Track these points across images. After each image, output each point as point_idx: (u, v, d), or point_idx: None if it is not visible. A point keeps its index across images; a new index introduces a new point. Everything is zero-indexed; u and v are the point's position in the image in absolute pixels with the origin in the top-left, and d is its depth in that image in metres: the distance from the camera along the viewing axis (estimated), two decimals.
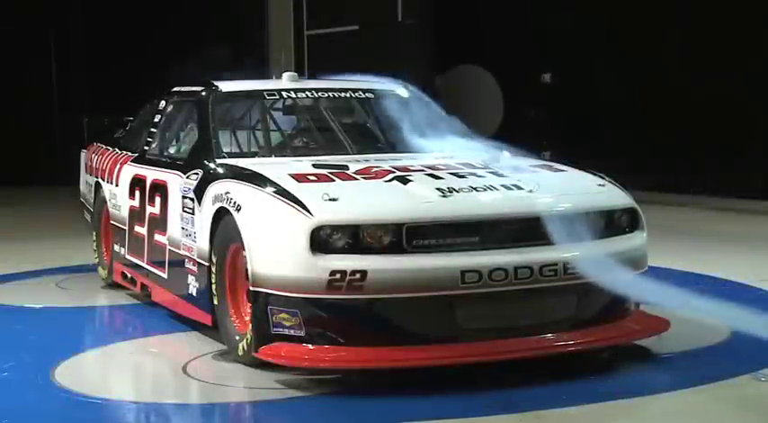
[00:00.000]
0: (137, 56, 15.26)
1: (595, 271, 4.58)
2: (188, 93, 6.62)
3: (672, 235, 8.76)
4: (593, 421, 4.17)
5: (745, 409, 4.31)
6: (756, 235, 9.71)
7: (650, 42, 13.62)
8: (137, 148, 6.99)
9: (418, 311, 4.51)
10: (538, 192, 5.00)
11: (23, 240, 9.92)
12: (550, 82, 14.87)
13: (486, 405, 4.26)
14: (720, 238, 9.51)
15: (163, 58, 13.38)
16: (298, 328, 4.56)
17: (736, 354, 5.01)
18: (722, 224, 10.66)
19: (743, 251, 8.61)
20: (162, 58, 13.58)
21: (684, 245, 8.63)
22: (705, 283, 7.06)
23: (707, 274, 7.35)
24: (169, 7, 17.71)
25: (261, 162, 5.48)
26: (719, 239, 9.45)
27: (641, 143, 13.45)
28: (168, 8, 17.70)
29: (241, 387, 4.73)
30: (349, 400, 4.43)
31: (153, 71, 7.44)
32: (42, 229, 10.28)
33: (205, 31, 17.74)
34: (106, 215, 7.27)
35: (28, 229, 10.63)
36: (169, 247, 5.89)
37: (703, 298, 5.12)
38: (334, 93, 6.60)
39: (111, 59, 11.36)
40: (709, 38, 12.89)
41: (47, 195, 8.85)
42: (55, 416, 4.34)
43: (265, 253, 4.66)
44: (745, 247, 8.87)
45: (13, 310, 6.73)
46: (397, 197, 4.82)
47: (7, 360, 5.27)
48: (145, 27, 18.31)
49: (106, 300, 6.99)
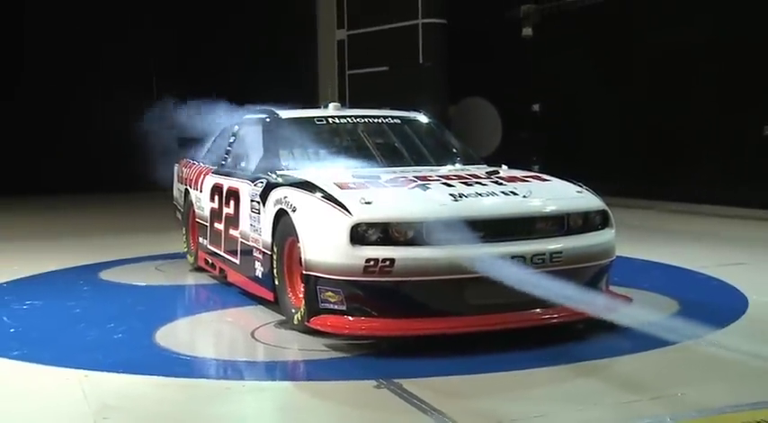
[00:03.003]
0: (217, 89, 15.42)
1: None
2: (255, 119, 6.64)
3: (635, 231, 8.69)
4: (569, 377, 4.13)
5: (688, 368, 4.28)
6: (699, 232, 9.63)
7: (617, 82, 13.72)
8: (216, 163, 7.02)
9: (434, 291, 4.50)
10: (530, 197, 4.99)
11: (130, 234, 10.00)
12: (539, 111, 14.87)
13: (484, 364, 4.25)
14: (675, 234, 9.43)
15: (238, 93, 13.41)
16: (340, 303, 4.57)
17: (681, 324, 4.95)
18: (673, 223, 10.57)
19: (688, 244, 8.53)
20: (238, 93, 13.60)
21: (644, 239, 8.55)
22: (662, 269, 7.05)
23: (662, 262, 7.29)
24: (248, 59, 18.35)
25: (311, 173, 5.47)
26: (671, 235, 9.37)
27: (611, 158, 13.47)
28: (248, 59, 18.34)
29: (296, 349, 4.72)
30: (379, 360, 4.43)
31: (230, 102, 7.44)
32: (143, 226, 10.33)
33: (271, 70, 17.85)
34: (193, 215, 7.31)
35: (133, 226, 10.70)
36: (240, 240, 5.91)
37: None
38: (368, 119, 6.58)
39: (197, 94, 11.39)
40: (661, 78, 13.03)
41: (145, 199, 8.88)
42: (156, 368, 4.35)
43: (315, 245, 4.66)
44: (691, 241, 8.80)
45: (124, 287, 6.76)
46: (419, 201, 4.81)
47: (121, 325, 5.34)
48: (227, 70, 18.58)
49: (193, 280, 7.02)
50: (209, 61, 20.09)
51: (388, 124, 6.59)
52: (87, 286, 6.76)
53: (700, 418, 3.47)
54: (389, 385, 3.94)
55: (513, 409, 3.65)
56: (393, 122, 6.63)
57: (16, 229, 10.82)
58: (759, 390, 3.82)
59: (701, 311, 5.26)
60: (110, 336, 5.10)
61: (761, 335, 4.89)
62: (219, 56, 20.00)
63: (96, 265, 7.67)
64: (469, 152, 6.52)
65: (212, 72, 19.05)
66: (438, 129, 6.95)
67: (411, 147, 6.40)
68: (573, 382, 4.07)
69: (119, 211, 12.50)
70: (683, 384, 3.94)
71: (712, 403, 3.64)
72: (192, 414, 3.75)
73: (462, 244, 4.51)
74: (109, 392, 3.98)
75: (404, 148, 6.35)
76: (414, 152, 6.33)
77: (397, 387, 3.91)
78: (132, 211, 11.88)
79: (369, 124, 6.53)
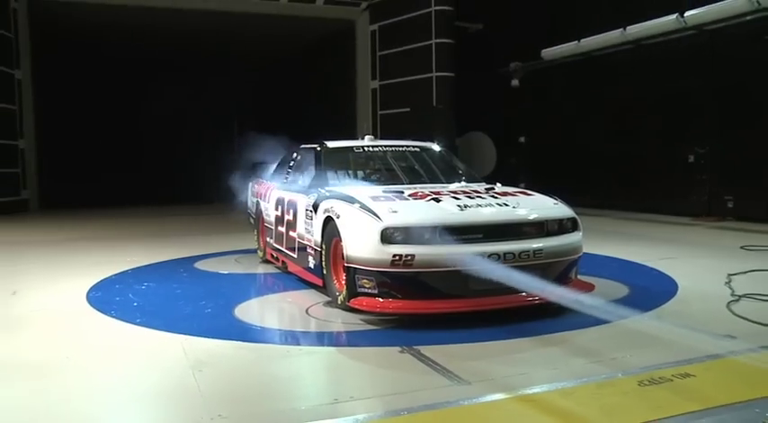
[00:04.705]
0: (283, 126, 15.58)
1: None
2: (309, 148, 6.66)
3: (598, 234, 8.61)
4: (545, 345, 4.10)
5: (633, 337, 4.25)
6: (642, 234, 9.54)
7: (583, 121, 13.73)
8: (280, 181, 7.04)
9: (445, 279, 4.48)
10: (518, 208, 4.96)
11: (216, 235, 10.07)
12: (524, 142, 14.82)
13: (482, 335, 4.23)
14: (627, 236, 9.33)
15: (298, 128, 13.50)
16: (373, 288, 4.57)
17: (632, 304, 4.92)
18: (624, 227, 10.45)
19: (635, 243, 8.43)
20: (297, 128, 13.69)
21: (606, 239, 8.47)
22: (617, 262, 6.98)
23: (616, 257, 7.22)
24: (306, 103, 18.70)
25: (351, 189, 5.48)
26: (627, 237, 9.27)
27: (579, 178, 13.40)
28: (305, 103, 18.70)
29: (339, 322, 4.72)
30: (402, 331, 4.42)
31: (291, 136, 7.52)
32: (225, 229, 10.41)
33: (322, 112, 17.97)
34: (262, 220, 7.33)
35: (218, 229, 10.78)
36: (297, 240, 5.92)
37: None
38: (395, 147, 6.58)
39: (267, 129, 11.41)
40: (616, 119, 13.02)
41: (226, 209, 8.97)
42: (235, 334, 4.37)
43: (354, 243, 4.66)
44: (637, 241, 8.70)
45: (211, 274, 6.79)
46: (433, 210, 4.79)
47: (209, 302, 5.37)
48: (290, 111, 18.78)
49: (262, 269, 7.04)
50: (277, 105, 20.36)
51: (409, 152, 6.59)
52: (186, 273, 6.81)
53: (641, 373, 3.47)
54: (410, 350, 3.94)
55: (502, 369, 3.64)
56: (413, 150, 6.62)
57: (136, 230, 10.96)
58: (684, 352, 3.81)
59: (644, 294, 5.25)
60: (202, 310, 5.13)
61: (686, 311, 4.87)
62: (284, 100, 20.24)
63: (192, 257, 7.72)
64: (472, 173, 6.50)
65: (279, 113, 19.27)
66: (448, 155, 6.93)
67: (427, 169, 6.39)
68: (547, 349, 4.03)
69: (208, 218, 12.58)
70: (630, 349, 3.91)
71: (650, 362, 3.63)
72: (261, 369, 3.77)
73: (466, 243, 4.49)
74: (201, 351, 4.01)
75: (421, 170, 6.35)
76: (429, 173, 6.32)
77: (415, 352, 3.91)
78: (218, 218, 11.95)
79: (395, 152, 6.53)
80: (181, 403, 3.26)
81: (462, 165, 6.75)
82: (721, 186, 10.87)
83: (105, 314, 5.01)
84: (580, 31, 12.89)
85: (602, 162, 13.23)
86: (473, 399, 3.18)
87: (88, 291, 5.83)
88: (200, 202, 14.82)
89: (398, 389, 3.34)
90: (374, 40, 16.28)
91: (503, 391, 3.25)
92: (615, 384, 3.34)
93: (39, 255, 8.23)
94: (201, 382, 3.48)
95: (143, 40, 17.14)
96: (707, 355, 3.74)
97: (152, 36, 16.84)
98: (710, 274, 6.09)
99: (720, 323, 4.43)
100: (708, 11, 10.48)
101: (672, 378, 3.38)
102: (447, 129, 14.14)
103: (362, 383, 3.56)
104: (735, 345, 3.93)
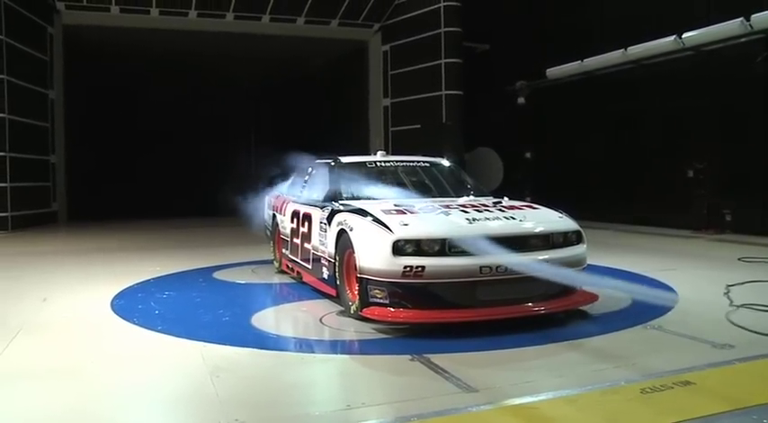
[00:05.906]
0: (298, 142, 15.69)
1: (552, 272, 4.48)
2: (324, 163, 6.67)
3: (602, 246, 8.56)
4: (551, 353, 4.07)
5: (637, 344, 4.23)
6: (643, 246, 9.51)
7: (585, 137, 13.74)
8: (295, 194, 7.05)
9: (454, 290, 4.47)
10: (524, 221, 4.95)
11: (233, 246, 10.07)
12: (530, 157, 14.80)
13: (489, 344, 4.21)
14: (629, 248, 9.28)
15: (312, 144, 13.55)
16: (385, 298, 4.56)
17: (634, 313, 4.89)
18: (625, 240, 10.42)
19: (642, 256, 8.38)
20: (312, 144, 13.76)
21: (609, 251, 8.42)
22: (618, 273, 6.92)
23: (619, 268, 7.15)
24: (320, 120, 18.66)
25: (363, 202, 5.48)
26: (629, 249, 9.22)
27: (583, 192, 13.35)
28: (320, 120, 18.66)
29: (352, 331, 4.70)
30: (413, 340, 4.39)
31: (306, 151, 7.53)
32: (242, 241, 10.42)
33: (336, 128, 18.01)
34: (278, 232, 7.33)
35: (235, 241, 10.79)
36: (312, 251, 5.92)
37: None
38: (406, 163, 6.60)
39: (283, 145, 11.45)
40: (617, 135, 13.00)
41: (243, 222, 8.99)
42: (252, 342, 4.37)
43: (366, 255, 4.66)
44: (645, 253, 8.65)
45: (229, 284, 6.79)
46: (443, 223, 4.78)
47: (227, 311, 5.38)
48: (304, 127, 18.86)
49: (278, 279, 7.04)
50: (293, 121, 20.41)
51: (419, 167, 6.60)
52: (205, 282, 6.82)
53: (643, 381, 3.44)
54: (420, 358, 3.92)
55: (509, 376, 3.62)
56: (423, 165, 6.63)
57: (158, 241, 11.01)
58: (687, 358, 3.79)
59: (646, 304, 5.19)
60: (220, 318, 5.14)
61: (687, 321, 4.82)
62: (299, 117, 20.30)
63: (210, 267, 7.73)
64: (480, 187, 6.49)
65: (295, 129, 19.34)
66: (456, 170, 6.93)
67: (436, 183, 6.39)
68: (554, 357, 4.00)
69: (225, 230, 12.60)
70: (632, 357, 3.89)
71: (652, 370, 3.60)
72: (277, 375, 3.76)
73: (473, 255, 4.47)
74: (219, 358, 4.01)
75: (431, 184, 6.35)
76: (438, 187, 6.31)
77: (425, 360, 3.89)
78: (234, 230, 11.99)
79: (405, 167, 6.54)
80: (199, 408, 3.26)
81: (470, 179, 6.74)
82: (720, 200, 10.83)
83: (128, 321, 5.03)
84: (583, 51, 12.91)
85: (605, 177, 13.22)
86: (481, 405, 3.16)
87: (112, 299, 5.86)
88: (220, 214, 14.86)
89: (409, 396, 3.32)
90: (386, 60, 16.36)
91: (509, 398, 3.23)
92: (618, 392, 3.31)
93: (67, 264, 8.29)
94: (219, 387, 3.48)
95: (167, 61, 17.34)
96: (707, 363, 3.71)
97: (176, 57, 17.03)
98: (710, 285, 6.05)
99: (720, 332, 4.39)
100: (704, 33, 10.54)
101: (673, 385, 3.35)
102: (456, 144, 14.13)
103: (374, 390, 3.54)
104: (734, 353, 3.90)
